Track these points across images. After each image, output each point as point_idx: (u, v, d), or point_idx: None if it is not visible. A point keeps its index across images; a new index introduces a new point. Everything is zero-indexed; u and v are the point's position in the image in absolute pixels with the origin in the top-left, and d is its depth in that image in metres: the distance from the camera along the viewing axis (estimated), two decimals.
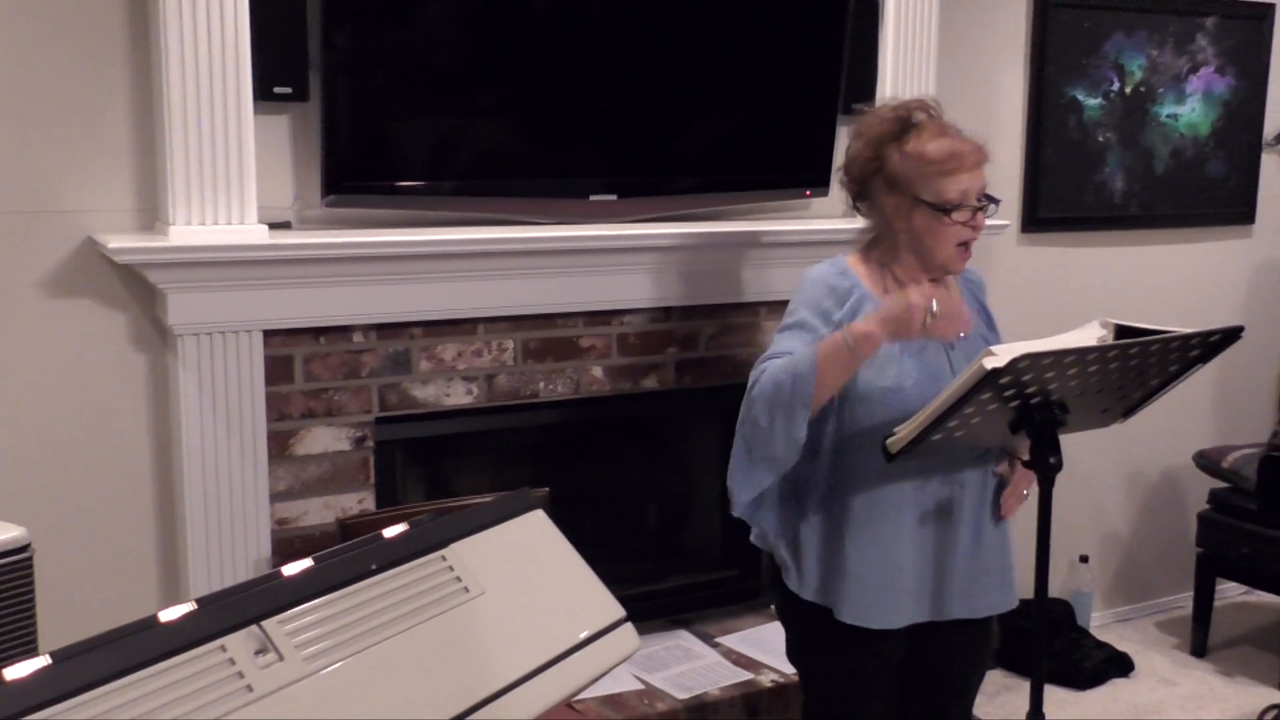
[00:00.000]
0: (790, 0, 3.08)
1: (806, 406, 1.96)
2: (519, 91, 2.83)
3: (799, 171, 3.19)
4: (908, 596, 2.12)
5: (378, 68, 2.64)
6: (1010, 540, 2.27)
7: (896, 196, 2.07)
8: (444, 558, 1.22)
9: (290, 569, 1.08)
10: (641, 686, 2.89)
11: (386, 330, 2.73)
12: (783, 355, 2.04)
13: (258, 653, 1.00)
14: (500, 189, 2.84)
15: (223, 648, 0.99)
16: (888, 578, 2.11)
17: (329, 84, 2.57)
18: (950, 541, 2.14)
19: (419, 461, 3.06)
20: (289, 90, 2.54)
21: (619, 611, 1.35)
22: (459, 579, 1.22)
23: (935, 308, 1.87)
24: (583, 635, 1.29)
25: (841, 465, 2.12)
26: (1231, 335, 1.96)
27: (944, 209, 2.03)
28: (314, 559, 1.11)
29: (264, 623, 1.01)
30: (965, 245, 2.10)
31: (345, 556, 1.15)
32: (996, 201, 2.10)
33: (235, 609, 1.01)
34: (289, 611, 1.04)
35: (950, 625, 2.18)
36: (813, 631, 2.21)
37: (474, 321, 2.84)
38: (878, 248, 2.17)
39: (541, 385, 2.95)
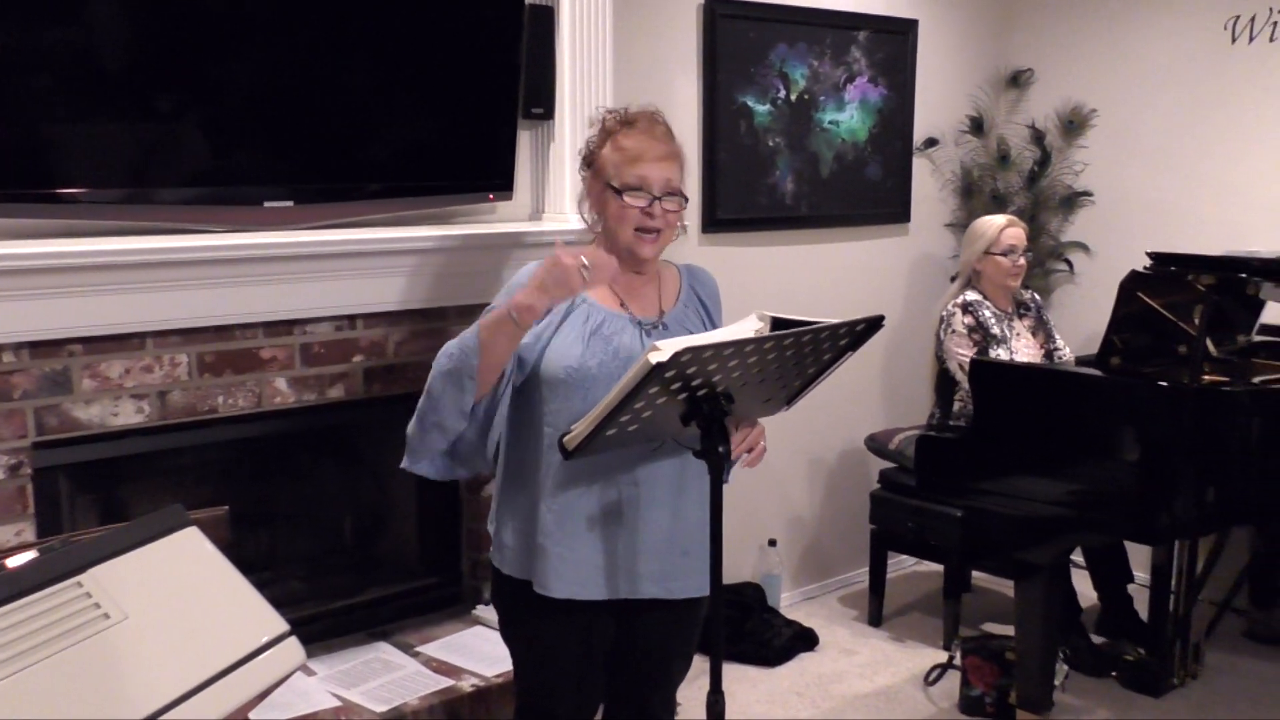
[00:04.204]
0: (466, 9, 3.09)
1: (473, 379, 2.08)
2: (188, 94, 2.70)
3: (482, 176, 3.20)
4: (599, 571, 2.20)
5: (23, 67, 2.45)
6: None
7: (597, 184, 2.25)
8: (80, 584, 1.15)
9: None
10: (338, 703, 2.82)
11: (41, 348, 2.55)
12: None
13: None
14: (168, 196, 2.70)
15: None
16: (577, 553, 2.18)
17: None
18: (641, 523, 2.21)
19: (88, 487, 2.87)
20: None
21: (281, 626, 1.31)
22: (98, 605, 1.15)
23: (586, 262, 2.00)
24: (241, 653, 1.25)
25: (539, 447, 2.19)
26: (874, 324, 2.11)
27: (619, 190, 2.18)
28: None
29: None
30: (651, 233, 2.21)
31: None
32: (685, 198, 2.24)
33: None
34: None
35: (651, 608, 2.26)
36: (514, 606, 2.29)
37: (141, 336, 2.69)
38: (589, 245, 2.30)
39: (220, 400, 2.83)
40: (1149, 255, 3.29)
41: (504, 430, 2.26)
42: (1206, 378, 3.09)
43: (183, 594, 1.26)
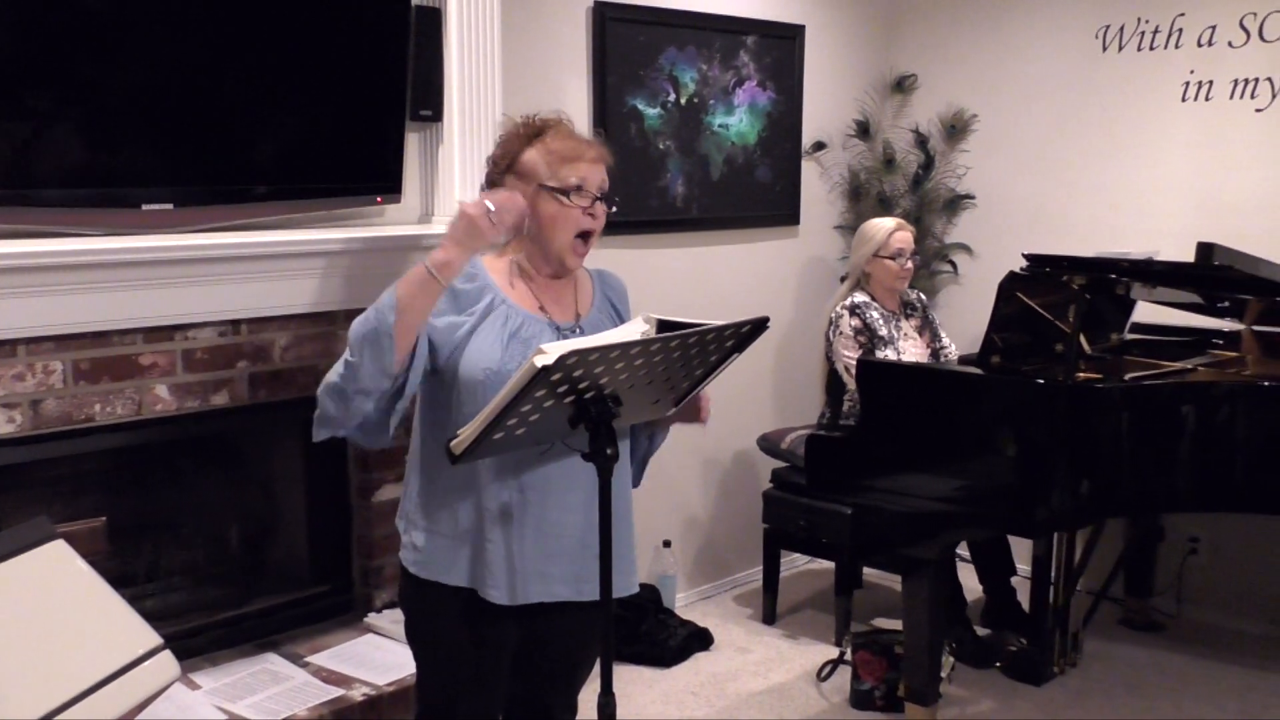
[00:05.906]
0: (352, 10, 3.05)
1: (391, 337, 2.05)
2: (63, 91, 2.61)
3: (369, 179, 3.16)
4: (510, 573, 2.18)
5: None
6: (632, 526, 2.35)
7: (524, 187, 2.21)
8: None
9: None
10: (224, 717, 2.76)
11: None
12: None
13: None
14: (41, 197, 2.62)
15: None
16: (489, 554, 2.17)
17: None
18: (554, 525, 2.20)
19: None
20: None
21: (153, 639, 1.28)
22: None
23: (491, 206, 2.06)
24: (110, 668, 1.22)
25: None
26: (759, 326, 2.14)
27: (564, 192, 2.18)
28: None
29: None
30: (584, 238, 2.23)
31: None
32: (615, 201, 2.26)
33: None
34: None
35: (561, 610, 2.25)
36: (421, 607, 2.28)
37: (13, 342, 2.60)
38: (510, 245, 2.29)
39: (98, 408, 2.75)
40: (1025, 256, 3.38)
41: (416, 430, 2.26)
42: (1081, 375, 3.18)
43: (47, 609, 1.22)
